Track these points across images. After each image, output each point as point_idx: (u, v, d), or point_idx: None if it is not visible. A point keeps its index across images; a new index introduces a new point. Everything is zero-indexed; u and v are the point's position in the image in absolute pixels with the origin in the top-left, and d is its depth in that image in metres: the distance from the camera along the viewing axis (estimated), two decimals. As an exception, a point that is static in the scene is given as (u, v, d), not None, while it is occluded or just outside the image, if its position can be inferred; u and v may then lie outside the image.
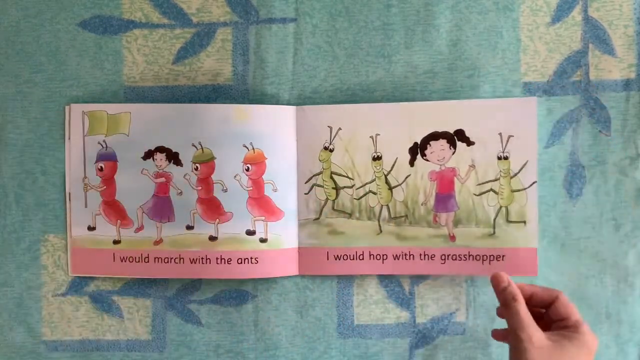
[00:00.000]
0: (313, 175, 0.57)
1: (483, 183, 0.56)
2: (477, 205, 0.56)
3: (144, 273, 0.57)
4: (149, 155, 0.56)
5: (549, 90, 0.57)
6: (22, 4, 0.57)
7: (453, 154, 0.56)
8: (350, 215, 0.57)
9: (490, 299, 0.57)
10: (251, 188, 0.56)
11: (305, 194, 0.57)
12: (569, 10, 0.56)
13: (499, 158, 0.55)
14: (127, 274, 0.57)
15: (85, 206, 0.57)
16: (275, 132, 0.56)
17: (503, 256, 0.55)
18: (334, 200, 0.57)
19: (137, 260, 0.57)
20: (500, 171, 0.55)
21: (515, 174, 0.55)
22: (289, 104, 0.57)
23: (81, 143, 0.57)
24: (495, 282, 0.50)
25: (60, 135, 0.57)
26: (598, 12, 0.56)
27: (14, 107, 0.57)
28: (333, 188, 0.57)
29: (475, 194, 0.56)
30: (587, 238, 0.57)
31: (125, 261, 0.57)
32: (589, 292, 0.57)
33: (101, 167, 0.57)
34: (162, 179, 0.56)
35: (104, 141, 0.56)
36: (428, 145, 0.56)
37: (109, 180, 0.57)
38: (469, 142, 0.55)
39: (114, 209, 0.57)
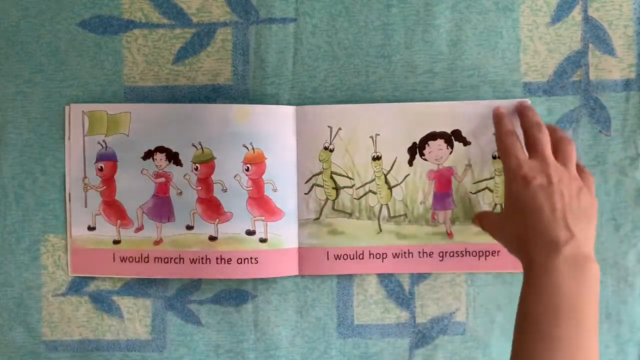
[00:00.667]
0: (313, 175, 0.57)
1: (479, 181, 0.56)
2: (473, 203, 0.57)
3: (144, 273, 0.57)
4: (148, 155, 0.56)
5: (549, 90, 0.57)
6: (22, 4, 0.57)
7: (450, 153, 0.56)
8: (350, 215, 0.57)
9: (491, 299, 0.57)
10: (251, 188, 0.56)
11: (305, 194, 0.57)
12: (569, 10, 0.56)
13: (494, 157, 0.56)
14: (127, 274, 0.57)
15: (85, 206, 0.57)
16: (275, 132, 0.56)
17: (498, 252, 0.56)
18: (334, 200, 0.57)
19: (137, 260, 0.57)
20: (495, 170, 0.56)
21: None
22: (289, 104, 0.57)
23: (81, 143, 0.57)
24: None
25: (60, 135, 0.57)
26: (598, 12, 0.56)
27: (14, 107, 0.57)
28: (333, 188, 0.57)
29: (471, 192, 0.57)
30: (587, 238, 0.57)
31: (125, 261, 0.57)
32: (589, 292, 0.57)
33: (101, 167, 0.57)
34: (162, 179, 0.56)
35: (103, 141, 0.56)
36: (426, 145, 0.56)
37: (109, 180, 0.57)
38: (466, 142, 0.56)
39: (114, 209, 0.57)
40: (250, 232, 0.56)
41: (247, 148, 0.56)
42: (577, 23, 0.57)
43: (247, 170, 0.56)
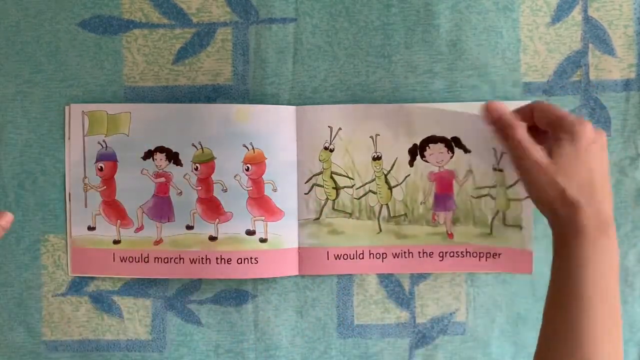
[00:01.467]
0: (313, 175, 0.57)
1: (480, 187, 0.56)
2: (475, 206, 0.56)
3: (144, 273, 0.57)
4: (149, 155, 0.56)
5: (549, 91, 0.57)
6: (22, 4, 0.57)
7: (451, 158, 0.56)
8: (350, 215, 0.57)
9: (491, 299, 0.57)
10: (251, 188, 0.56)
11: (305, 194, 0.57)
12: (569, 10, 0.56)
13: (494, 169, 0.55)
14: (127, 274, 0.57)
15: (85, 206, 0.57)
16: (275, 132, 0.56)
17: (500, 254, 0.55)
18: (334, 200, 0.57)
19: (137, 260, 0.57)
20: (497, 181, 0.55)
21: (511, 186, 0.54)
22: (289, 104, 0.57)
23: (81, 143, 0.57)
24: (489, 112, 0.48)
25: (60, 135, 0.57)
26: (598, 12, 0.56)
27: (14, 107, 0.57)
28: (333, 188, 0.57)
29: (473, 197, 0.56)
30: (587, 238, 0.57)
31: (125, 261, 0.57)
32: (589, 292, 0.57)
33: (101, 167, 0.57)
34: (162, 179, 0.56)
35: (103, 141, 0.56)
36: (427, 148, 0.56)
37: (109, 180, 0.57)
38: (466, 150, 0.55)
39: (114, 209, 0.57)
40: (250, 232, 0.56)
41: (247, 148, 0.56)
42: (577, 23, 0.57)
43: (247, 170, 0.56)
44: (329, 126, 0.56)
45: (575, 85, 0.57)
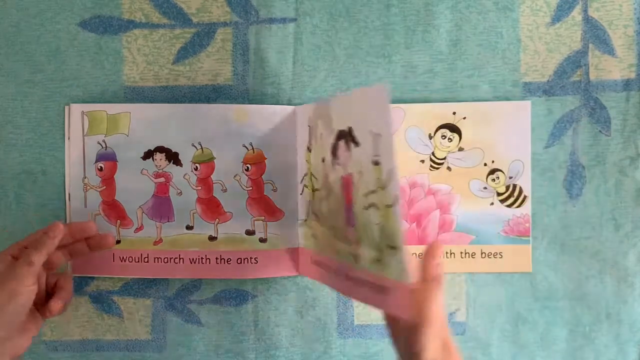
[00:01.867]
0: (304, 176, 0.56)
1: (367, 194, 0.43)
2: (366, 222, 0.44)
3: (144, 273, 0.57)
4: (148, 155, 0.56)
5: (549, 90, 0.57)
6: (22, 4, 0.57)
7: (350, 157, 0.45)
8: (319, 219, 0.53)
9: (491, 299, 0.57)
10: (251, 188, 0.56)
11: (300, 194, 0.57)
12: (569, 10, 0.56)
13: (374, 163, 0.42)
14: (127, 274, 0.57)
15: (85, 206, 0.57)
16: (275, 132, 0.56)
17: (388, 288, 0.42)
18: (312, 202, 0.54)
19: (137, 260, 0.57)
20: (376, 180, 0.42)
21: (386, 185, 0.41)
22: (289, 104, 0.57)
23: (81, 143, 0.57)
24: (432, 251, 0.44)
25: (60, 135, 0.57)
26: (598, 12, 0.56)
27: (14, 107, 0.57)
28: (312, 190, 0.54)
29: (365, 208, 0.44)
30: (587, 238, 0.57)
31: (125, 261, 0.57)
32: (589, 292, 0.57)
33: (101, 167, 0.57)
34: (162, 179, 0.56)
35: (103, 141, 0.56)
36: (338, 147, 0.47)
37: (108, 180, 0.57)
38: (356, 142, 0.44)
39: (113, 209, 0.57)
40: (250, 232, 0.56)
41: (247, 148, 0.56)
42: (577, 23, 0.57)
43: (247, 170, 0.56)
44: (309, 125, 0.53)
45: (575, 85, 0.57)
